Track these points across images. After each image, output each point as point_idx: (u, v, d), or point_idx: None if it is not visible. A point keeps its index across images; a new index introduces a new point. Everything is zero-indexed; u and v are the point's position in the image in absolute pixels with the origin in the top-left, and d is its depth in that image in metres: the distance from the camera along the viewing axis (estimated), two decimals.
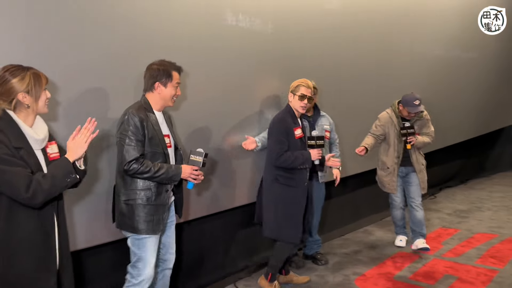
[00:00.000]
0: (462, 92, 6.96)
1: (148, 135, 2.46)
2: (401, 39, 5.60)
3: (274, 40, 3.85)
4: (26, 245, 1.82)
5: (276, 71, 3.90)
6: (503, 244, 4.36)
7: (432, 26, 6.19)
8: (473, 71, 7.26)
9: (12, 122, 1.84)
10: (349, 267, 3.89)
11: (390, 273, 3.76)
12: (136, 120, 2.42)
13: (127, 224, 2.46)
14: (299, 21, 4.09)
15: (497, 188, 7.09)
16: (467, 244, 4.40)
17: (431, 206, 5.98)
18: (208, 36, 3.34)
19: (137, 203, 2.45)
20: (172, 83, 2.57)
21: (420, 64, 5.96)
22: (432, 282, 3.55)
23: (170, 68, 2.57)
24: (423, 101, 4.14)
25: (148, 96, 2.58)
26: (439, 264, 3.92)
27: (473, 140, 7.61)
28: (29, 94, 1.87)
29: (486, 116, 7.78)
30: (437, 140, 6.49)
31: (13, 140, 1.80)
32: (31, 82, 1.87)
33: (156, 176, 2.42)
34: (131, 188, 2.46)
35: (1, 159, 1.73)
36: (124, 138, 2.40)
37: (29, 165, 1.81)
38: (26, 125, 1.88)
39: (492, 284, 3.46)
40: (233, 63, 3.54)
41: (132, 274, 2.49)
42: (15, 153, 1.78)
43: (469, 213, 5.61)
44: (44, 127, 1.96)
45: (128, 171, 2.39)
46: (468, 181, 7.71)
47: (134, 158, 2.38)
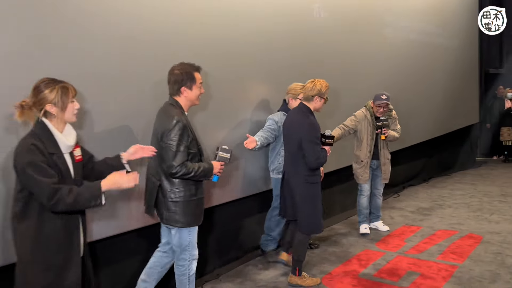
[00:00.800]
0: (425, 93, 7.17)
1: (189, 138, 2.73)
2: (368, 41, 5.72)
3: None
4: (52, 240, 2.08)
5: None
6: (463, 240, 4.52)
7: (397, 28, 6.34)
8: (437, 73, 7.49)
9: (46, 129, 2.10)
10: (316, 266, 3.94)
11: (356, 271, 3.83)
12: (182, 127, 2.67)
13: (175, 219, 2.75)
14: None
15: (458, 186, 7.34)
16: (429, 241, 4.54)
17: (395, 204, 6.14)
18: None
19: (183, 200, 2.75)
20: (196, 85, 2.79)
21: (385, 65, 6.09)
22: (395, 279, 3.64)
23: (192, 70, 2.77)
24: (392, 101, 4.66)
25: (177, 99, 2.80)
26: (403, 261, 4.02)
27: (436, 140, 7.85)
28: (56, 105, 2.10)
29: (448, 116, 8.03)
30: (402, 139, 6.67)
31: (48, 147, 2.06)
32: (58, 94, 2.10)
33: (197, 175, 2.71)
34: (176, 188, 2.74)
35: (36, 165, 1.98)
36: (173, 144, 2.64)
37: (60, 168, 2.09)
38: (58, 131, 2.13)
39: (452, 279, 3.58)
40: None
41: (185, 257, 2.84)
42: (49, 159, 2.04)
43: (431, 210, 5.78)
44: (73, 133, 2.22)
45: (175, 175, 2.66)
46: (431, 179, 7.94)
47: (181, 163, 2.64)
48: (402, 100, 6.47)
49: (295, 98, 3.93)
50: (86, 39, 2.76)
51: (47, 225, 2.08)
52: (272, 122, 3.92)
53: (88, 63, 2.77)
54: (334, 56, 5.08)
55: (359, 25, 5.56)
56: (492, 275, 3.61)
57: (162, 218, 2.80)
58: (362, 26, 5.61)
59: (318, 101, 3.46)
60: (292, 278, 3.55)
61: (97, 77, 2.82)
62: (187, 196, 2.76)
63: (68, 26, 2.66)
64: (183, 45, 3.33)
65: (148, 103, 3.06)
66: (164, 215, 2.77)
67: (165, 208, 2.76)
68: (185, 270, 2.87)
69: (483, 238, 4.54)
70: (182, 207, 2.75)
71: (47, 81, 2.11)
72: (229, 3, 3.77)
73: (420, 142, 7.26)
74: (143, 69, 3.07)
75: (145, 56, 3.09)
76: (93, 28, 2.79)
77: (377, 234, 4.83)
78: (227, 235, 4.08)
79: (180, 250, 2.85)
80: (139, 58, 3.05)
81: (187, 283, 2.90)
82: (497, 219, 5.23)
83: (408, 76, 6.65)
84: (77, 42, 2.70)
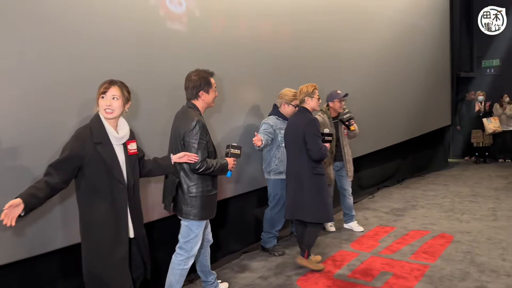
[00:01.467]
0: (399, 96, 7.31)
1: (208, 137, 3.01)
2: (341, 45, 5.79)
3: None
4: (101, 223, 2.36)
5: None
6: (434, 240, 4.62)
7: (370, 32, 6.45)
8: (410, 77, 7.64)
9: (99, 122, 2.41)
10: (291, 268, 3.97)
11: (330, 271, 3.87)
12: (202, 127, 2.94)
13: (193, 213, 2.99)
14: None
15: (430, 187, 7.50)
16: (402, 241, 4.63)
17: (369, 205, 6.23)
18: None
19: (201, 195, 3.00)
20: (212, 88, 3.09)
21: (358, 68, 6.19)
22: (369, 279, 3.69)
23: (207, 75, 3.07)
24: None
25: (195, 102, 3.07)
26: (376, 261, 4.09)
27: (409, 142, 8.00)
28: (97, 101, 2.43)
29: (421, 118, 8.21)
30: (376, 142, 6.78)
31: (95, 136, 2.35)
32: (98, 92, 2.42)
33: (215, 170, 2.99)
34: (195, 184, 2.99)
35: (64, 150, 2.31)
36: (194, 142, 2.91)
37: (101, 156, 2.35)
38: (110, 125, 2.42)
39: (424, 278, 3.65)
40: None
41: (186, 249, 3.05)
42: (88, 148, 2.32)
43: (404, 211, 5.89)
44: (126, 128, 2.51)
45: (197, 171, 2.93)
46: (404, 180, 8.10)
47: (202, 159, 2.91)
48: (376, 104, 6.59)
49: (288, 104, 4.25)
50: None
51: (96, 208, 2.36)
52: (267, 126, 4.18)
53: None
54: (306, 59, 5.14)
55: (334, 29, 5.64)
56: (462, 274, 3.70)
57: (181, 213, 3.03)
58: (336, 30, 5.69)
59: (310, 101, 3.84)
60: (301, 259, 3.93)
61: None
62: (204, 192, 3.02)
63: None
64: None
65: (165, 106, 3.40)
66: (183, 209, 3.01)
67: (184, 203, 3.00)
68: (181, 261, 3.06)
69: (454, 238, 4.65)
70: (200, 202, 3.00)
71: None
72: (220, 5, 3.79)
73: (394, 144, 7.39)
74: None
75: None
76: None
77: (352, 235, 4.90)
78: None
79: (184, 241, 3.06)
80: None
81: (178, 274, 3.07)
82: (467, 219, 5.37)
83: (381, 80, 6.76)
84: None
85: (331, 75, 5.51)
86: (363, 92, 6.16)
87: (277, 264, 4.08)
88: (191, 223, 3.04)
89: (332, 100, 4.79)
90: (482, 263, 3.92)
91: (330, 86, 4.85)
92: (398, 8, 7.19)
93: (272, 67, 4.61)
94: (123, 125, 2.51)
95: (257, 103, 4.52)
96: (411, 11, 7.63)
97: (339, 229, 5.12)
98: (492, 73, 11.18)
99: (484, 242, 4.49)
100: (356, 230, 5.02)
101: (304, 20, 5.07)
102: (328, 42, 5.53)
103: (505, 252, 4.17)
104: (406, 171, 8.41)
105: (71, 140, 2.34)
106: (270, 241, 4.41)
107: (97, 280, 2.39)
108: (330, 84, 4.95)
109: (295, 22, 4.93)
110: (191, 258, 3.08)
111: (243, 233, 4.57)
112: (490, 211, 5.73)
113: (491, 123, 9.62)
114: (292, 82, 4.44)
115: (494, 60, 11.07)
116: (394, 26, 7.08)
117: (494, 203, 6.17)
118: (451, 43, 9.66)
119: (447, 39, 9.44)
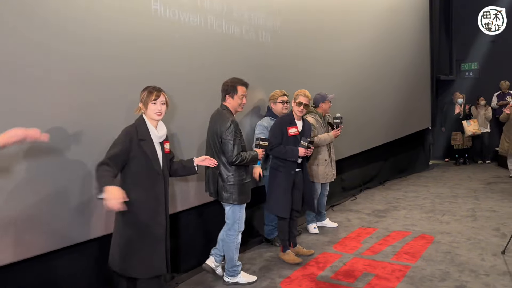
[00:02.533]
0: (380, 99, 7.39)
1: (241, 134, 3.51)
2: (322, 47, 5.83)
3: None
4: (142, 205, 2.75)
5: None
6: (415, 241, 4.68)
7: (351, 34, 6.51)
8: (391, 80, 7.73)
9: (143, 121, 2.82)
10: (274, 270, 3.98)
11: (314, 273, 3.89)
12: (235, 125, 3.44)
13: (233, 198, 3.51)
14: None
15: (411, 188, 7.61)
16: (384, 242, 4.68)
17: (352, 207, 6.28)
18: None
19: (236, 183, 3.51)
20: (237, 95, 3.56)
21: (339, 71, 6.24)
22: (352, 280, 3.72)
23: (237, 83, 3.55)
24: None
25: (226, 104, 3.57)
26: (359, 262, 4.12)
27: (391, 144, 8.10)
28: (143, 104, 2.83)
29: (402, 121, 8.31)
30: (358, 144, 6.84)
31: (140, 134, 2.76)
32: (144, 96, 2.82)
33: (249, 161, 3.51)
34: (232, 174, 3.50)
35: (115, 145, 2.70)
36: (230, 139, 3.40)
37: (145, 151, 2.76)
38: (152, 125, 2.83)
39: (405, 278, 3.70)
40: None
41: (234, 228, 3.60)
42: (134, 144, 2.72)
43: (386, 212, 5.96)
44: (164, 129, 2.91)
45: (234, 162, 3.43)
46: (386, 182, 8.20)
47: (238, 152, 3.42)
48: (358, 106, 6.66)
49: (274, 103, 4.52)
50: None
51: (138, 193, 2.73)
52: (262, 128, 4.40)
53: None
54: (286, 62, 5.16)
55: (314, 31, 5.68)
56: (442, 274, 3.76)
57: (222, 199, 3.53)
58: (316, 33, 5.72)
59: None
60: (280, 253, 4.27)
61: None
62: (240, 180, 3.53)
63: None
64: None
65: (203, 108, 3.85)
66: (224, 196, 3.51)
67: (224, 190, 3.50)
68: (234, 238, 3.60)
69: (434, 238, 4.73)
70: (237, 189, 3.51)
71: (147, 86, 2.85)
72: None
73: (376, 146, 7.47)
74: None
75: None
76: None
77: (335, 236, 4.94)
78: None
79: (231, 222, 3.60)
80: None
81: (234, 249, 3.63)
82: (447, 220, 5.46)
83: (363, 82, 6.83)
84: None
85: (310, 79, 5.54)
86: (344, 95, 6.22)
87: (261, 267, 4.09)
88: (234, 207, 3.56)
89: (322, 102, 4.96)
90: (462, 263, 3.99)
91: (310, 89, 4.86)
92: (379, 11, 7.27)
93: (255, 68, 4.61)
94: (162, 126, 2.91)
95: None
96: (392, 15, 7.73)
97: (322, 231, 5.15)
98: (471, 76, 11.39)
99: (463, 242, 4.57)
100: (331, 226, 5.30)
101: (287, 20, 5.09)
102: (310, 43, 5.56)
103: (484, 252, 4.25)
104: (388, 172, 8.51)
105: (122, 136, 2.73)
106: (272, 232, 4.73)
107: (133, 253, 2.72)
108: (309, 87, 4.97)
109: (277, 23, 4.95)
110: (239, 233, 3.63)
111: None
112: (469, 211, 5.84)
113: (470, 125, 9.80)
114: (274, 83, 4.49)
115: (472, 63, 11.29)
116: (375, 29, 7.16)
117: (473, 204, 6.29)
118: (431, 46, 9.82)
119: (427, 43, 9.59)
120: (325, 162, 5.00)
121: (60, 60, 2.83)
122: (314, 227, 5.14)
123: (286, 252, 4.21)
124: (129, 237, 2.73)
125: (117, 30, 3.20)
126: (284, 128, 4.08)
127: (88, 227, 3.03)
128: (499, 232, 4.85)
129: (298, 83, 4.79)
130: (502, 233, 4.80)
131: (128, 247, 2.72)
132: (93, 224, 3.05)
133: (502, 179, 8.18)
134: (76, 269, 3.09)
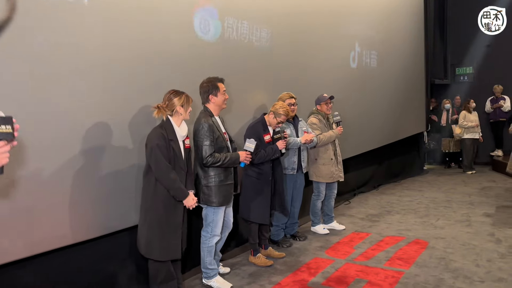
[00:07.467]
0: (374, 103, 7.33)
1: (215, 136, 3.46)
2: (316, 51, 5.76)
3: None
4: (163, 201, 3.09)
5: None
6: (409, 246, 4.60)
7: (345, 38, 6.44)
8: (386, 83, 7.68)
9: (170, 123, 3.14)
10: (265, 277, 3.88)
11: (305, 279, 3.79)
12: (207, 127, 3.42)
13: (210, 200, 3.51)
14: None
15: (406, 193, 7.54)
16: (377, 247, 4.59)
17: (345, 211, 6.20)
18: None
19: (214, 185, 3.50)
20: (220, 92, 3.55)
21: (333, 74, 6.17)
22: (344, 286, 3.62)
23: (215, 81, 3.54)
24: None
25: (208, 106, 3.57)
26: (351, 268, 4.03)
27: (385, 148, 8.03)
28: (183, 107, 3.17)
29: (396, 125, 8.26)
30: (352, 148, 6.77)
31: (169, 135, 3.09)
32: (184, 100, 3.18)
33: (225, 163, 3.46)
34: (209, 176, 3.50)
35: (159, 146, 3.03)
36: (202, 140, 3.41)
37: (173, 150, 3.09)
38: (177, 125, 3.16)
39: (398, 285, 3.61)
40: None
41: (208, 230, 3.61)
42: (167, 144, 3.07)
43: (380, 217, 5.87)
44: (186, 127, 3.24)
45: (206, 164, 3.43)
46: (380, 186, 8.12)
47: (209, 154, 3.40)
48: (352, 110, 6.58)
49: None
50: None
51: (160, 193, 3.08)
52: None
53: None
54: (282, 66, 5.08)
55: (308, 34, 5.61)
56: (436, 280, 3.67)
57: (200, 200, 3.49)
58: (310, 36, 5.66)
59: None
60: (250, 257, 4.27)
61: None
62: (217, 182, 3.50)
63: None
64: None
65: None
66: (201, 197, 3.51)
67: (201, 191, 3.52)
68: (206, 240, 3.62)
69: (428, 244, 4.64)
70: (213, 190, 3.50)
71: (174, 92, 3.16)
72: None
73: (370, 150, 7.40)
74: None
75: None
76: None
77: (327, 241, 4.84)
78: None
79: (205, 224, 3.63)
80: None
81: (206, 251, 3.64)
82: (442, 225, 5.38)
83: (357, 86, 6.77)
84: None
85: (305, 81, 5.47)
86: (339, 99, 6.14)
87: (251, 273, 3.99)
88: (209, 209, 3.57)
89: (320, 103, 5.01)
90: (456, 269, 3.90)
91: (303, 93, 4.85)
92: (373, 14, 7.22)
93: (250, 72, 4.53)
94: (184, 126, 3.23)
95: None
96: (387, 18, 7.68)
97: (315, 236, 5.06)
98: (466, 80, 11.37)
99: (458, 248, 4.49)
100: (339, 229, 5.28)
101: (280, 23, 5.02)
102: (303, 47, 5.49)
103: (479, 258, 4.17)
104: (382, 176, 8.44)
105: (156, 139, 3.05)
106: (278, 233, 4.76)
107: (154, 239, 3.08)
108: (304, 91, 4.93)
109: (271, 26, 4.87)
110: (214, 237, 3.62)
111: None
112: (464, 216, 5.77)
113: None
114: (267, 86, 4.39)
115: (467, 67, 11.27)
116: (369, 33, 7.10)
117: (468, 208, 6.22)
118: (426, 50, 9.78)
119: (421, 47, 9.55)
120: (331, 161, 5.01)
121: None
122: (323, 228, 5.16)
123: (257, 255, 4.21)
124: (152, 225, 3.08)
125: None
126: (261, 136, 4.12)
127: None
128: (494, 238, 4.77)
129: (294, 89, 4.76)
130: (497, 239, 4.72)
131: (151, 234, 3.08)
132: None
133: (496, 184, 8.13)
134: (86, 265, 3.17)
